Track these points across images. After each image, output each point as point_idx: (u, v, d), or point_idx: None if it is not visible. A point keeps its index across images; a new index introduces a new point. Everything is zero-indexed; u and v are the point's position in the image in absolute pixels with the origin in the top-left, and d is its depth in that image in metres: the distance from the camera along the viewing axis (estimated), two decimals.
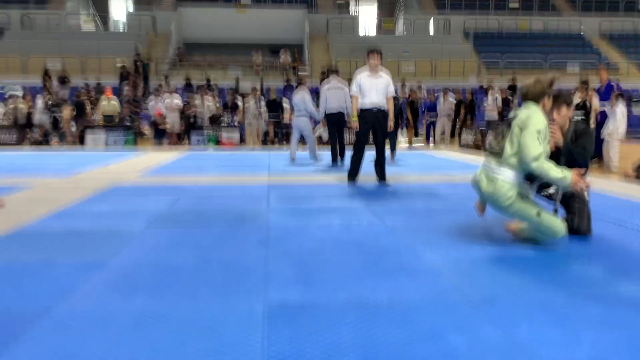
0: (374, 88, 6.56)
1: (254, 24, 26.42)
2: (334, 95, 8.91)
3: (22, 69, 21.35)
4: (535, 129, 3.40)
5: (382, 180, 6.80)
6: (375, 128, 6.63)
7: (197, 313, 2.46)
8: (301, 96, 9.68)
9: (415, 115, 14.77)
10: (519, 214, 3.56)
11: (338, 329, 2.28)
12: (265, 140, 14.19)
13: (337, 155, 9.30)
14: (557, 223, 3.53)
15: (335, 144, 9.33)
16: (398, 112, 10.09)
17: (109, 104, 14.88)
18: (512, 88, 17.88)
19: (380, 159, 6.77)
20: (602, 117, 9.51)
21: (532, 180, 3.74)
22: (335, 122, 9.06)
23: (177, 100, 14.78)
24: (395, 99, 7.02)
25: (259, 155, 11.70)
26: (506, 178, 3.54)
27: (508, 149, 3.55)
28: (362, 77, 6.64)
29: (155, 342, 2.16)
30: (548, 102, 3.61)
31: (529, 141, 3.39)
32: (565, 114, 3.79)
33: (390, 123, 6.79)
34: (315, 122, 10.80)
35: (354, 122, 6.68)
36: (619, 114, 9.01)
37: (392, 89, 6.75)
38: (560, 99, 3.80)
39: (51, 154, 11.99)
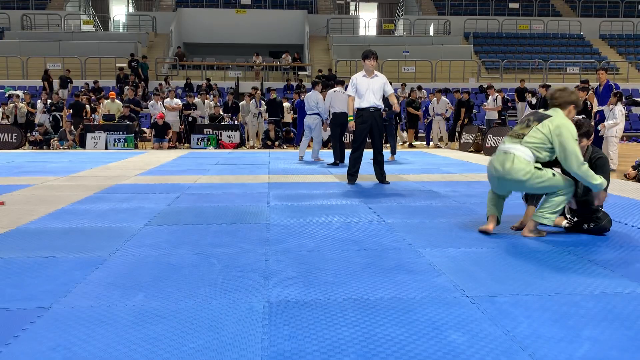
0: (370, 88, 6.64)
1: (254, 25, 26.45)
2: (339, 97, 9.08)
3: (22, 70, 21.37)
4: (574, 136, 3.64)
5: (381, 179, 6.81)
6: (372, 127, 6.66)
7: (197, 311, 2.45)
8: (315, 96, 9.96)
9: (416, 115, 14.76)
10: (538, 183, 3.70)
11: (338, 327, 2.28)
12: (266, 140, 14.18)
13: (339, 155, 9.37)
14: (566, 180, 3.75)
15: (337, 145, 9.38)
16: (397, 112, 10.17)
17: (114, 103, 14.94)
18: (520, 93, 17.45)
19: (378, 158, 6.78)
20: (601, 117, 9.54)
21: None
22: (340, 123, 9.13)
23: (176, 99, 14.84)
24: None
25: (259, 154, 11.70)
26: (523, 154, 3.70)
27: (531, 136, 3.73)
28: (358, 78, 6.72)
29: (155, 339, 2.16)
30: (573, 111, 3.82)
31: (574, 148, 3.61)
32: (584, 144, 3.94)
33: (396, 107, 6.93)
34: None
35: (350, 122, 6.72)
36: (618, 113, 9.06)
37: (389, 87, 6.83)
38: (582, 129, 3.92)
39: (51, 153, 11.99)
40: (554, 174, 3.74)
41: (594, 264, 3.21)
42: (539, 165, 3.75)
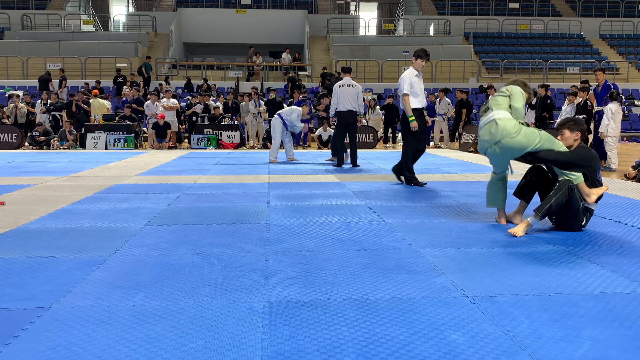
0: (421, 88, 6.67)
1: (254, 25, 26.46)
2: (344, 92, 8.49)
3: (22, 70, 21.38)
4: (520, 91, 4.16)
5: (400, 178, 6.91)
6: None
7: (197, 311, 2.45)
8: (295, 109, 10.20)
9: None
10: (533, 139, 3.91)
11: (338, 327, 2.27)
12: (266, 141, 14.18)
13: (343, 158, 8.97)
14: (558, 142, 3.98)
15: (343, 146, 8.97)
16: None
17: (96, 100, 14.93)
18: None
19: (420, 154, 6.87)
20: (600, 117, 9.56)
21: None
22: (346, 122, 8.54)
23: (173, 99, 14.81)
24: None
25: (259, 154, 11.69)
26: (502, 114, 4.08)
27: (496, 103, 4.18)
28: (413, 77, 6.59)
29: (155, 339, 2.16)
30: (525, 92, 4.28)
31: (520, 105, 4.11)
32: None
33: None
34: (286, 126, 10.55)
35: (412, 121, 6.51)
36: (608, 112, 9.13)
37: None
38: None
39: (51, 153, 11.99)
40: (540, 129, 4.04)
41: (594, 264, 3.21)
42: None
